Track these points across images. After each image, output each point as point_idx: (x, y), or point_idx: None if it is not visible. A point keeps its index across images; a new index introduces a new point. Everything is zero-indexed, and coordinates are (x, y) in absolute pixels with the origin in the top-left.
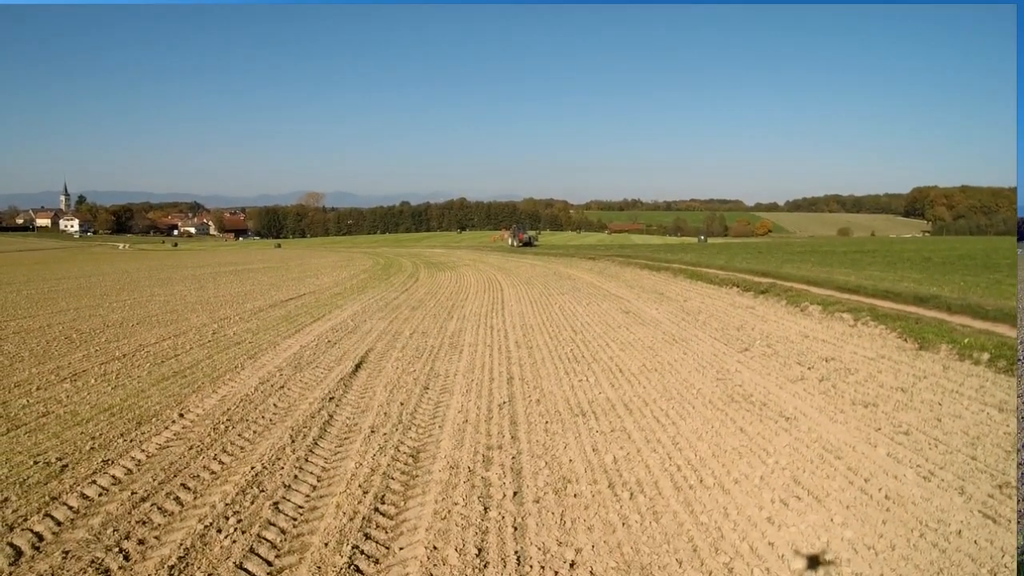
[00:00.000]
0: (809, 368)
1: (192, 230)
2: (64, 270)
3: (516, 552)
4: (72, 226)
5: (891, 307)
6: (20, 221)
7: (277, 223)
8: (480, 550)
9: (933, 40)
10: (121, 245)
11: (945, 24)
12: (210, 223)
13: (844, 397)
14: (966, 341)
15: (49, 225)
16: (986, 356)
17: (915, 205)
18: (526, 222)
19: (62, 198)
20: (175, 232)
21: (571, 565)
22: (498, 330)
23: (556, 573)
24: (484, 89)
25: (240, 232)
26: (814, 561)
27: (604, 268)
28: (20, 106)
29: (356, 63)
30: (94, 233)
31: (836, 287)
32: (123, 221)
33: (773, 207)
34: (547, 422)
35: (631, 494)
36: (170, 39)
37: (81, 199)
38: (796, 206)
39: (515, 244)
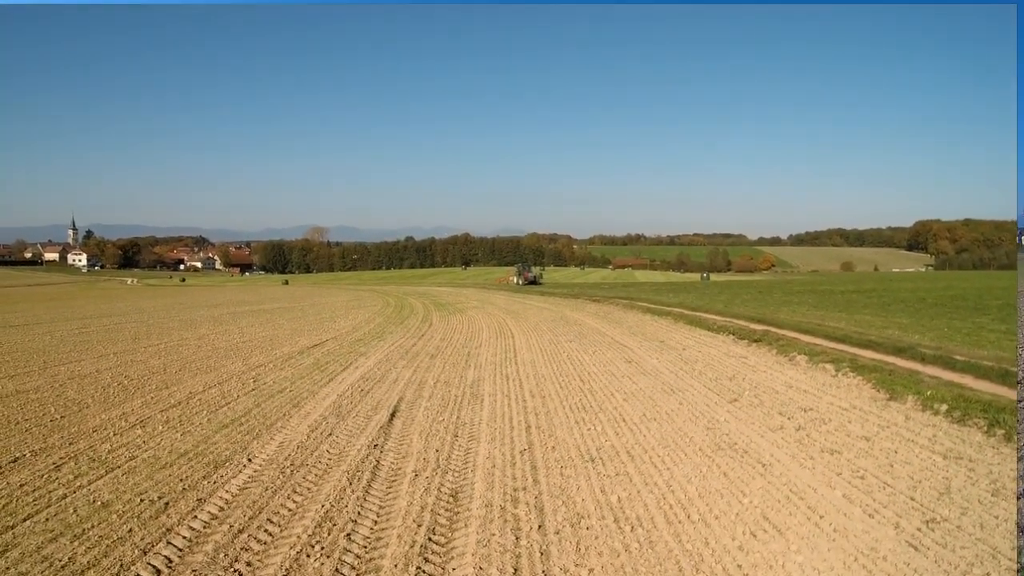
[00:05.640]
0: (789, 418)
1: (198, 264)
2: (82, 308)
3: (543, 571)
4: (80, 260)
5: (871, 357)
6: (29, 255)
7: (282, 258)
8: (516, 570)
9: (936, 72)
10: (129, 280)
11: (948, 57)
12: (216, 257)
13: (815, 445)
14: (929, 393)
15: (57, 259)
16: (944, 407)
17: (918, 239)
18: (530, 259)
19: (70, 232)
20: (181, 267)
21: None
22: (513, 379)
23: None
24: (488, 124)
25: (246, 267)
26: None
27: (608, 312)
28: (27, 138)
29: (359, 98)
30: (102, 267)
31: (825, 335)
32: (130, 255)
33: (776, 241)
34: (562, 467)
35: (632, 527)
36: (177, 74)
37: (89, 233)
38: (799, 240)
39: (520, 282)
